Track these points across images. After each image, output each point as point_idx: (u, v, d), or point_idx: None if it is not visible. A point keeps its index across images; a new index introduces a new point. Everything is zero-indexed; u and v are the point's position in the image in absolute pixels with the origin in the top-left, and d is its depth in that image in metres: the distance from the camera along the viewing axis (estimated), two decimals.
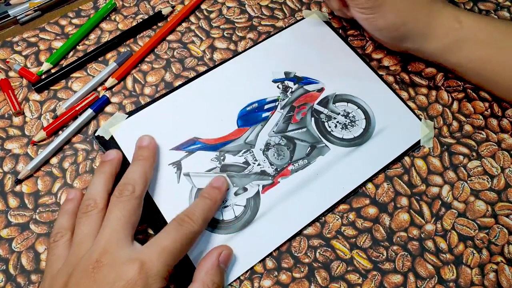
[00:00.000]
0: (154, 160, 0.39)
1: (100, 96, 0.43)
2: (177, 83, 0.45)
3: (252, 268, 0.37)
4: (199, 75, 0.45)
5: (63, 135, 0.41)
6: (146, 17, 0.48)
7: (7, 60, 0.45)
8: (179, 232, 0.33)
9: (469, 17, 0.41)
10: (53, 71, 0.45)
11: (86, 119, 0.42)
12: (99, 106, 0.43)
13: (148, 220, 0.38)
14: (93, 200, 0.35)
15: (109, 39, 0.47)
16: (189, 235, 0.34)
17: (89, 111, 0.42)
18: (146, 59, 0.46)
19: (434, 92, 0.45)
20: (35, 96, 0.44)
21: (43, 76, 0.45)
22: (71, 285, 0.30)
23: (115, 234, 0.32)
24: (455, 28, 0.41)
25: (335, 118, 0.43)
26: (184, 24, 0.48)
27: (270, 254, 0.37)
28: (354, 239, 0.38)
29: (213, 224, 0.38)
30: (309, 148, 0.42)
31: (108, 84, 0.44)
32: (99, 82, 0.44)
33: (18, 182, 0.40)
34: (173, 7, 0.49)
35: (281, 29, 0.48)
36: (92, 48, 0.46)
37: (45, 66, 0.45)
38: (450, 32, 0.41)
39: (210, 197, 0.37)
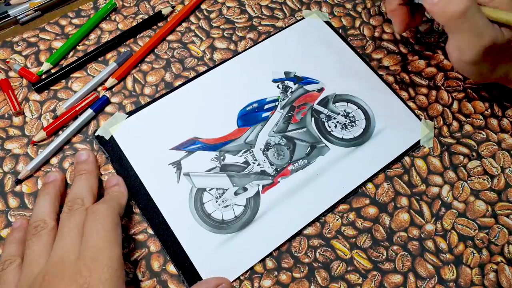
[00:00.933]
0: (97, 173, 0.39)
1: (100, 96, 0.43)
2: (177, 83, 0.45)
3: (252, 268, 0.37)
4: (199, 75, 0.45)
5: (63, 135, 0.41)
6: (146, 17, 0.48)
7: (7, 60, 0.45)
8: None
9: None
10: (53, 71, 0.45)
11: (86, 119, 0.42)
12: (99, 106, 0.43)
13: (148, 220, 0.38)
14: (42, 220, 0.35)
15: (109, 39, 0.47)
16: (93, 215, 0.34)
17: (89, 111, 0.42)
18: (146, 59, 0.46)
19: (434, 92, 0.45)
20: (35, 96, 0.44)
21: (43, 76, 0.45)
22: None
23: (70, 245, 0.32)
24: None
25: (335, 118, 0.43)
26: (184, 24, 0.48)
27: (270, 254, 0.37)
28: (354, 239, 0.38)
29: (213, 224, 0.38)
30: (309, 148, 0.42)
31: (108, 84, 0.44)
32: (99, 82, 0.44)
33: (18, 182, 0.40)
34: (173, 7, 0.49)
35: (281, 29, 0.48)
36: (92, 48, 0.46)
37: (45, 66, 0.45)
38: None
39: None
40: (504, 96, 0.45)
